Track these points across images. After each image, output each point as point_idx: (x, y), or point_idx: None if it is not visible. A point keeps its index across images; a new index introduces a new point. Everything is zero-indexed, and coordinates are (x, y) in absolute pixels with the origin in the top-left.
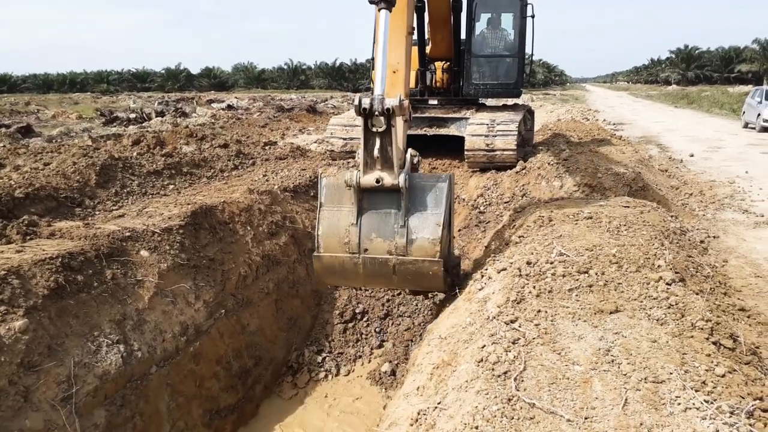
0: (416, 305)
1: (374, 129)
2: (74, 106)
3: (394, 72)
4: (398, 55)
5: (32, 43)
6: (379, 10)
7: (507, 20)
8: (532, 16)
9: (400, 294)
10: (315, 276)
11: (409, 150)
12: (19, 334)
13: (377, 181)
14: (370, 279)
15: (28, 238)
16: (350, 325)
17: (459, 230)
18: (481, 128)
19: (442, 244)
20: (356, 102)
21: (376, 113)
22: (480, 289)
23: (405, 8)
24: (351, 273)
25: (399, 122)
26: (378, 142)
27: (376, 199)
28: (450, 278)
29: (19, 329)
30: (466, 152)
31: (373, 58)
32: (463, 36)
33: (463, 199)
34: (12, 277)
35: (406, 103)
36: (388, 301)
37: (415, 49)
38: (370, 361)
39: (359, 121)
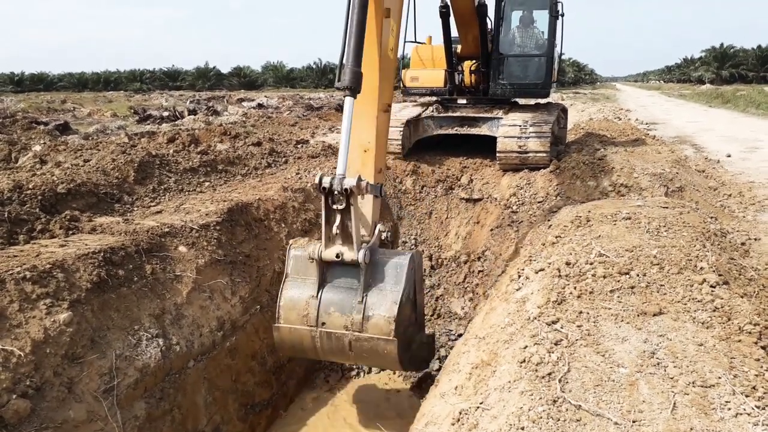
0: (448, 309)
1: (335, 206)
2: (108, 104)
3: (365, 151)
4: (369, 135)
5: (67, 41)
6: (345, 96)
7: (536, 19)
8: (562, 15)
9: (430, 298)
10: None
11: (378, 225)
12: (64, 326)
13: (337, 255)
14: (327, 354)
15: (71, 232)
16: None
17: (491, 230)
18: (513, 129)
19: (398, 323)
20: (317, 180)
21: (336, 192)
22: (517, 290)
23: (376, 89)
24: (308, 347)
25: (368, 199)
26: (338, 218)
27: (338, 273)
28: (417, 358)
29: (63, 321)
30: (498, 154)
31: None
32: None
33: (495, 199)
34: (57, 271)
35: (364, 183)
36: None
37: (442, 50)
38: None
39: (321, 198)
